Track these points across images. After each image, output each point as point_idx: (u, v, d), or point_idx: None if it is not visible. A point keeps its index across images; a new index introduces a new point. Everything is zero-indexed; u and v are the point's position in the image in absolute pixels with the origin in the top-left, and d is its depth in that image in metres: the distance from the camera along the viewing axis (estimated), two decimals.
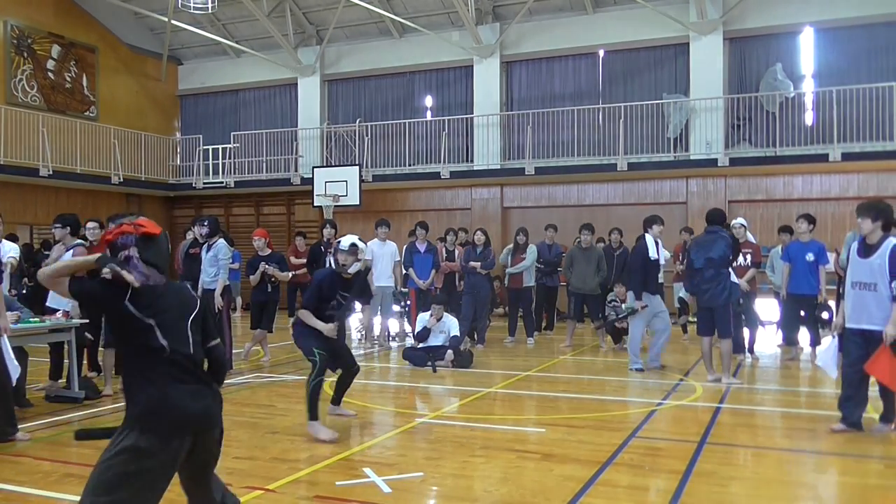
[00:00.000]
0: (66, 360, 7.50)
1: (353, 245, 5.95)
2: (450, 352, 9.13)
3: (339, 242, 6.07)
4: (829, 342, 6.11)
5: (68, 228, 7.60)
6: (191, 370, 2.84)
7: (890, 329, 5.38)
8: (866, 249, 5.63)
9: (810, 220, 9.29)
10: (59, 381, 7.48)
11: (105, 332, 7.50)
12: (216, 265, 8.59)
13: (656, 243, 8.80)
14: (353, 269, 5.95)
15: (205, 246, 8.76)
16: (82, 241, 7.72)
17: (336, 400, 6.37)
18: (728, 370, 7.90)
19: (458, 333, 9.43)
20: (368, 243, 11.02)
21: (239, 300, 17.02)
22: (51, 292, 7.56)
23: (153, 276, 2.87)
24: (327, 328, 5.86)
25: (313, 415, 5.57)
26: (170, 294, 2.91)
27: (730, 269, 7.87)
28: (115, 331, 2.88)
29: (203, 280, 8.60)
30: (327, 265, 10.43)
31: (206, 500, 3.00)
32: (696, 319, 8.67)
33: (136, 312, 2.76)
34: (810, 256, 9.10)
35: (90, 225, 8.09)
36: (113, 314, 2.84)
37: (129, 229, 2.89)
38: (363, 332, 12.00)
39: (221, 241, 8.76)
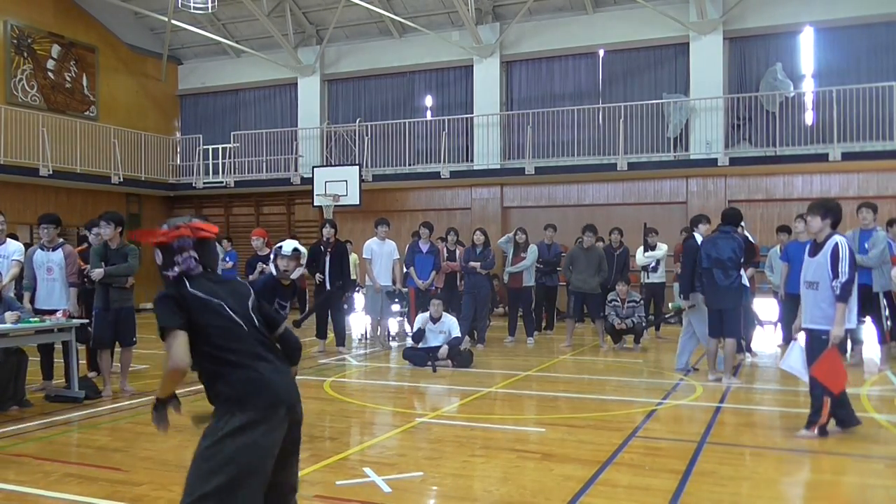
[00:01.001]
0: (56, 361, 7.52)
1: (296, 250, 5.68)
2: (444, 348, 9.10)
3: (279, 247, 5.69)
4: (792, 345, 6.04)
5: (59, 228, 7.60)
6: (270, 349, 2.86)
7: (834, 329, 5.36)
8: (815, 248, 5.66)
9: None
10: (52, 380, 7.47)
11: (95, 331, 7.36)
12: None
13: None
14: (295, 275, 5.68)
15: None
16: (64, 241, 7.71)
17: None
18: (729, 370, 7.89)
19: (458, 334, 9.41)
20: (368, 242, 11.09)
21: None
22: (38, 294, 7.50)
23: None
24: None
25: None
26: (223, 282, 2.95)
27: (740, 272, 7.83)
28: (193, 323, 2.76)
29: None
30: (325, 265, 10.44)
31: (291, 486, 2.92)
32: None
33: (203, 294, 2.79)
34: None
35: (96, 231, 8.05)
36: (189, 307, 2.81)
37: (187, 232, 2.88)
38: (363, 333, 12.01)
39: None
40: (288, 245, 5.69)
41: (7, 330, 6.40)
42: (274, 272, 5.72)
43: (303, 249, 5.77)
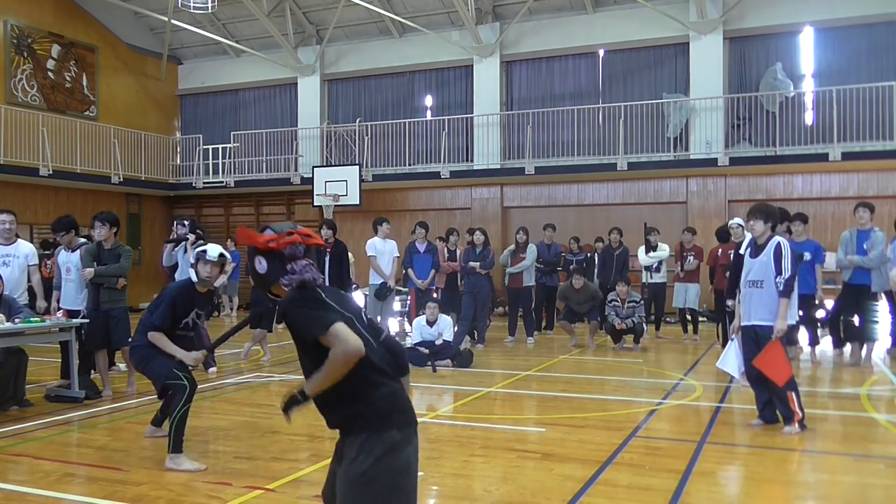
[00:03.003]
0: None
1: (223, 255, 5.18)
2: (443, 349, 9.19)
3: (203, 251, 5.13)
4: (729, 345, 6.25)
5: (73, 232, 7.60)
6: (389, 365, 2.67)
7: (778, 323, 5.63)
8: (756, 249, 5.90)
9: (804, 219, 9.48)
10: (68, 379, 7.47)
11: (86, 332, 7.28)
12: None
13: None
14: (218, 283, 5.28)
15: (183, 245, 8.71)
16: (86, 241, 7.73)
17: (159, 421, 5.55)
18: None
19: (449, 337, 9.44)
20: (371, 240, 11.06)
21: (236, 300, 17.07)
22: (61, 293, 7.56)
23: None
24: (191, 357, 4.94)
25: (178, 447, 4.78)
26: (341, 293, 2.78)
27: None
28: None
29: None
30: (325, 265, 10.41)
31: None
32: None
33: (335, 304, 2.59)
34: (806, 256, 9.13)
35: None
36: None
37: (299, 239, 2.72)
38: None
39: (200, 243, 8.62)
40: (213, 249, 5.15)
41: (5, 330, 6.40)
42: (193, 278, 5.13)
43: (228, 256, 5.35)
